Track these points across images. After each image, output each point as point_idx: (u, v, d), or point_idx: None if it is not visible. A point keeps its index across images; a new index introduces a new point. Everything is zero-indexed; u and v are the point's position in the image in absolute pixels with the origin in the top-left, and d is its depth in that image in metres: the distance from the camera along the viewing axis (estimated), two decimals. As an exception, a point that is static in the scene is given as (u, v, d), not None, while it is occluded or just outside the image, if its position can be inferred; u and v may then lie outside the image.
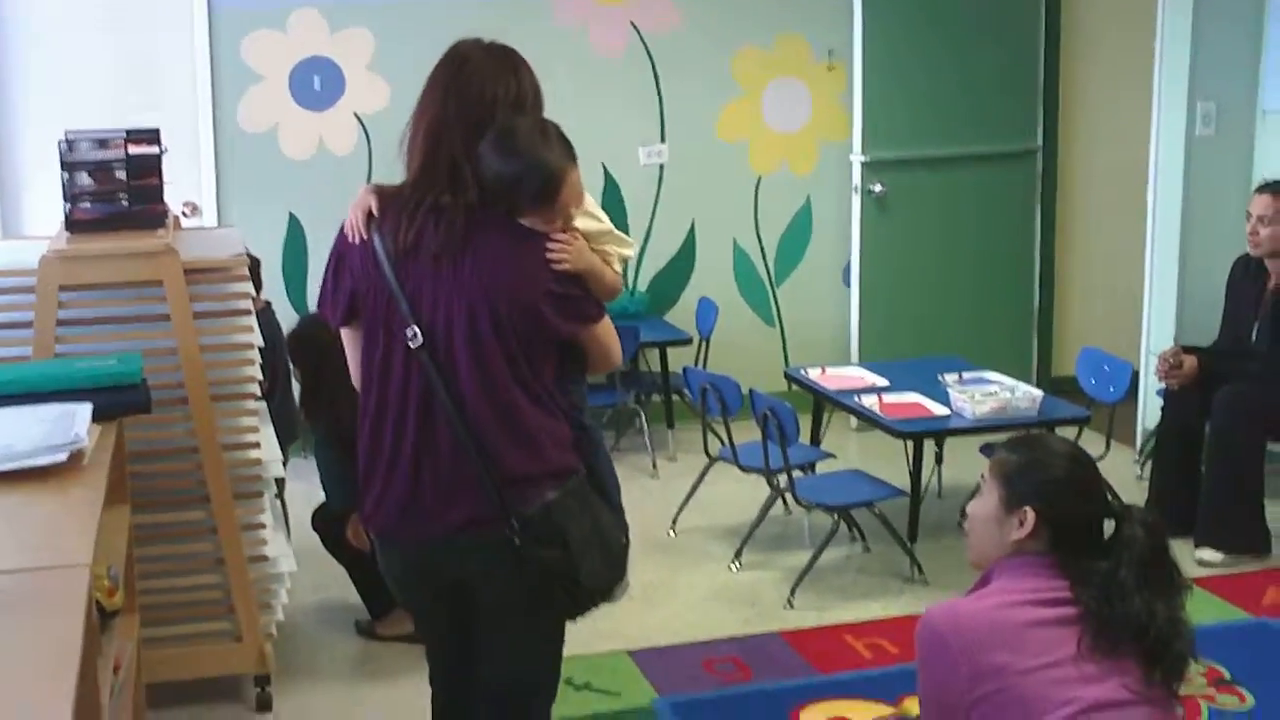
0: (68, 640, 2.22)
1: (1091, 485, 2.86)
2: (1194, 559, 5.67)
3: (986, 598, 2.80)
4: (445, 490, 3.04)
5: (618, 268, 3.16)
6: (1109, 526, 2.83)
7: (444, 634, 3.34)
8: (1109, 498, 2.88)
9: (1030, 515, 2.80)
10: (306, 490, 5.74)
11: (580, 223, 3.09)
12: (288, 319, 6.92)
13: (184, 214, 4.91)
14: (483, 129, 3.01)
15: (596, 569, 3.10)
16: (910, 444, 5.70)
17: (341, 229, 3.14)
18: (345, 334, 3.17)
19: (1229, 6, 6.65)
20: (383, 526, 3.15)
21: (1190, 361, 5.86)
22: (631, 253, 3.23)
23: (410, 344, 3.00)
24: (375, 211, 3.07)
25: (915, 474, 5.68)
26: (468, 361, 2.99)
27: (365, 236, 3.07)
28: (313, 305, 7.07)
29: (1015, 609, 2.75)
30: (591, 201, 3.16)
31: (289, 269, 7.10)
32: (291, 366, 5.16)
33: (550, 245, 3.00)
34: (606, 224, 3.16)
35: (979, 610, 2.76)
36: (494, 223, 3.01)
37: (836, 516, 5.57)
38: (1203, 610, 5.25)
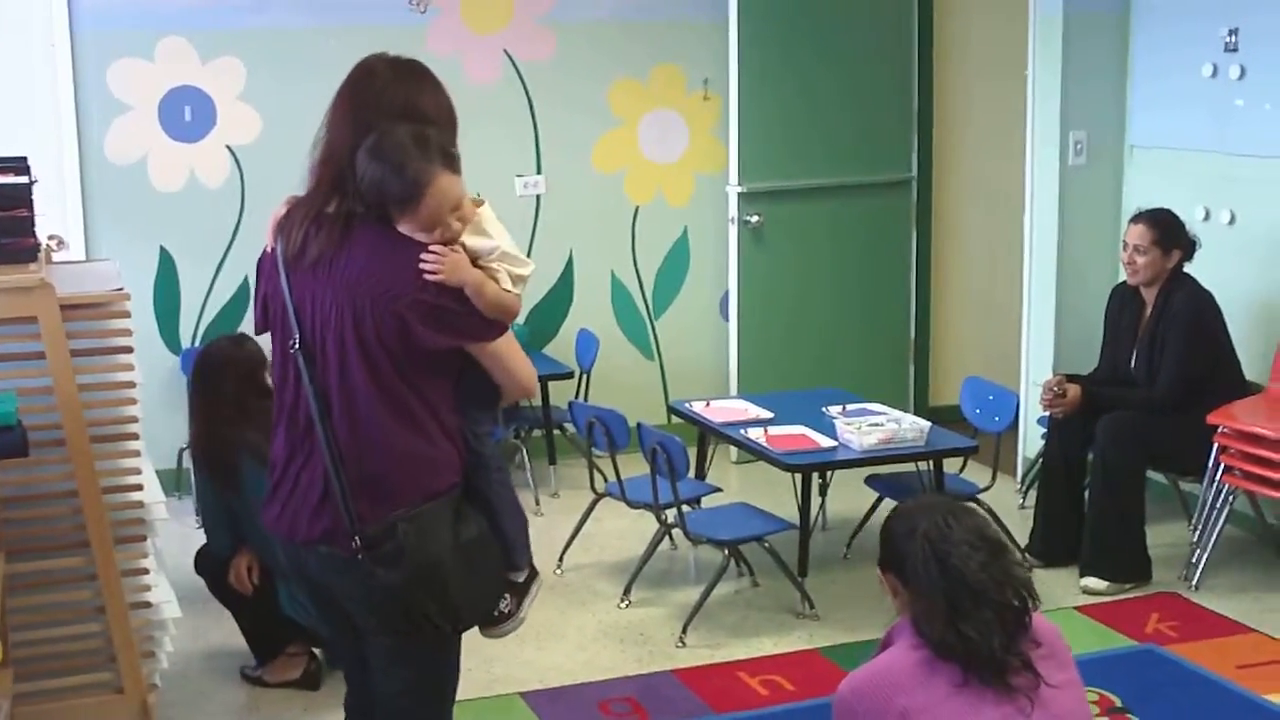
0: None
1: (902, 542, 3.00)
2: (1079, 587, 5.71)
3: (886, 656, 2.95)
4: (310, 499, 3.06)
5: (508, 286, 3.08)
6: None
7: (340, 643, 3.38)
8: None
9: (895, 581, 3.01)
10: (181, 532, 5.57)
11: (469, 239, 3.04)
12: (161, 358, 6.79)
13: (50, 248, 4.72)
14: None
15: (447, 598, 3.07)
16: (798, 477, 5.67)
17: None
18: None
19: (1097, 42, 6.75)
20: (271, 526, 3.18)
21: (1074, 390, 5.91)
22: (527, 272, 3.15)
23: (290, 350, 3.04)
24: (282, 219, 3.11)
25: (804, 507, 5.65)
26: (336, 369, 3.00)
27: (272, 245, 3.12)
28: (185, 342, 6.94)
29: (904, 653, 2.92)
30: (489, 217, 3.13)
31: (160, 304, 6.90)
32: (199, 396, 4.92)
33: (424, 256, 2.96)
34: (496, 241, 3.09)
35: (875, 670, 2.93)
36: (371, 230, 3.01)
37: (726, 552, 5.52)
38: (1089, 638, 5.30)
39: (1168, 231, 5.85)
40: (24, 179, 4.25)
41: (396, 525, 3.00)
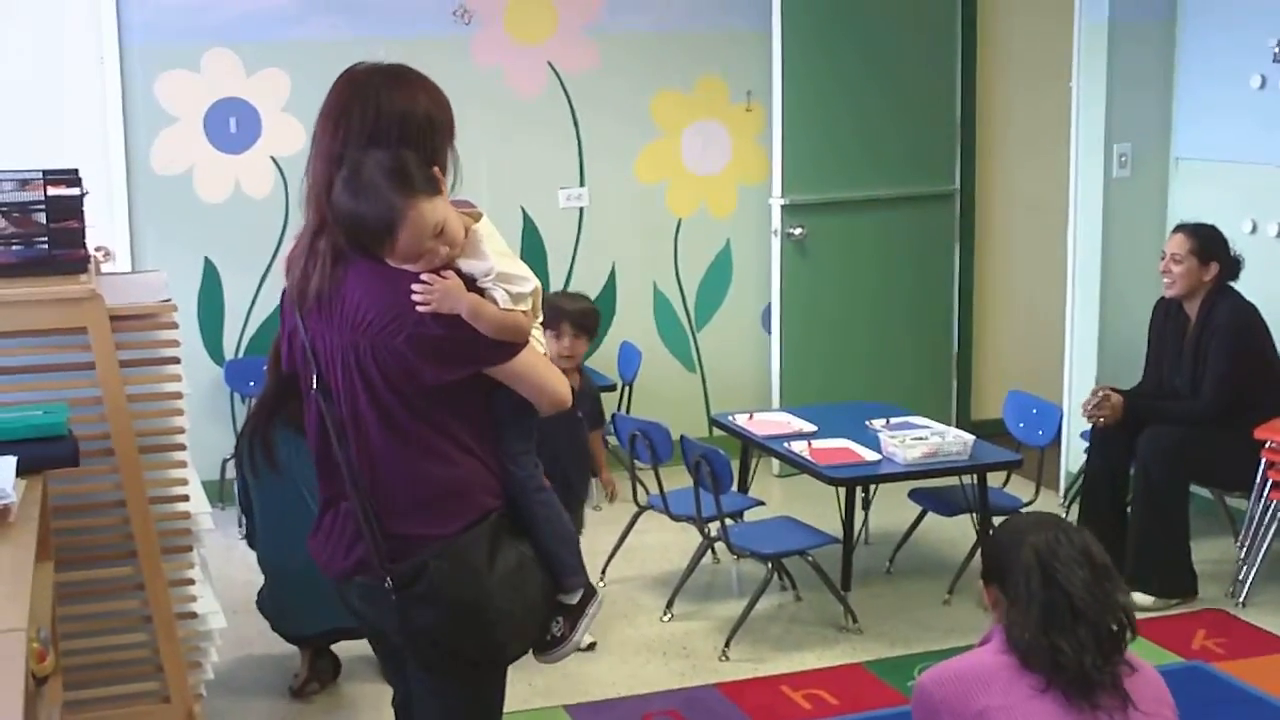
0: (7, 713, 2.10)
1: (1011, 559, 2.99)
2: (1125, 603, 5.67)
3: (971, 656, 2.95)
4: (344, 533, 3.01)
5: (509, 306, 2.92)
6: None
7: (387, 668, 3.33)
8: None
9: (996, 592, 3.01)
10: (226, 542, 5.59)
11: (463, 263, 2.92)
12: (205, 369, 6.82)
13: (98, 259, 4.75)
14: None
15: (490, 635, 2.98)
16: (842, 490, 5.65)
17: None
18: None
19: (1142, 53, 6.72)
20: (313, 554, 3.14)
21: (1118, 398, 5.88)
22: (528, 289, 2.96)
23: (312, 390, 2.99)
24: (290, 256, 3.04)
25: (848, 521, 5.64)
26: (349, 410, 2.94)
27: (286, 283, 3.05)
28: (229, 353, 6.97)
29: (991, 655, 2.92)
30: (485, 235, 2.98)
31: (205, 315, 6.94)
32: None
33: (415, 286, 2.85)
34: (489, 262, 2.94)
35: (962, 665, 2.92)
36: (362, 265, 2.91)
37: (770, 565, 5.50)
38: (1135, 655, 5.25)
39: (1206, 243, 5.83)
40: (75, 191, 4.28)
41: (428, 562, 2.92)
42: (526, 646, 3.16)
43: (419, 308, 2.85)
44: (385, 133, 2.92)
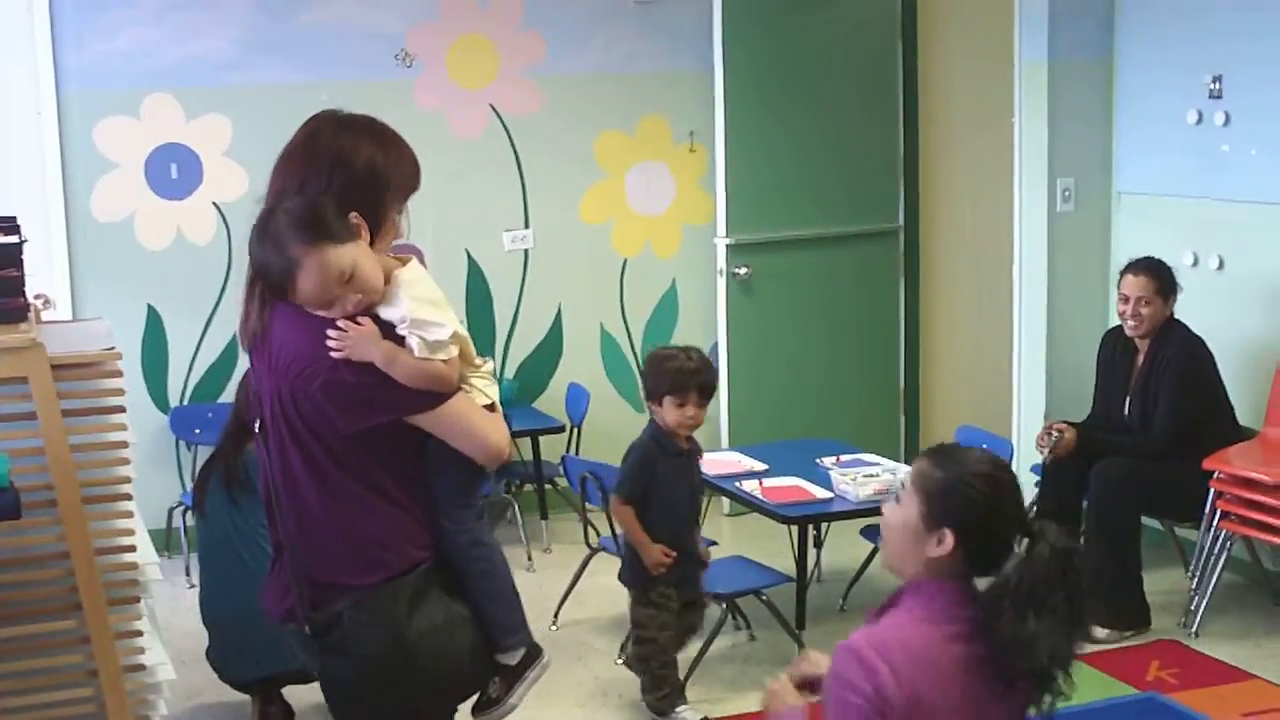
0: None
1: (1010, 507, 2.78)
2: (1078, 636, 5.67)
3: (906, 626, 2.73)
4: (280, 580, 3.00)
5: (425, 355, 2.85)
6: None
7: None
8: (1025, 516, 2.80)
9: (949, 537, 2.73)
10: (173, 592, 5.51)
11: (381, 310, 2.88)
12: (150, 417, 6.73)
13: (38, 307, 4.68)
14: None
15: (403, 690, 2.92)
16: (794, 529, 5.63)
17: None
18: None
19: (1082, 89, 6.77)
20: (261, 601, 3.13)
21: (1071, 432, 5.89)
22: (439, 335, 2.87)
23: (255, 432, 3.00)
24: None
25: (801, 559, 5.62)
26: (277, 454, 2.93)
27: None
28: (174, 400, 6.88)
29: (943, 646, 2.70)
30: (405, 281, 2.91)
31: (149, 363, 6.86)
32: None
33: (329, 333, 2.83)
34: (403, 310, 2.87)
35: (906, 640, 2.70)
36: (285, 309, 2.90)
37: (725, 606, 5.47)
38: (1091, 687, 5.23)
39: (1166, 280, 5.88)
40: (13, 238, 4.21)
41: (344, 612, 2.89)
42: (452, 706, 3.11)
43: (332, 354, 2.83)
44: (317, 177, 2.93)
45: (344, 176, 2.92)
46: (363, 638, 2.89)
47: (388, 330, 2.87)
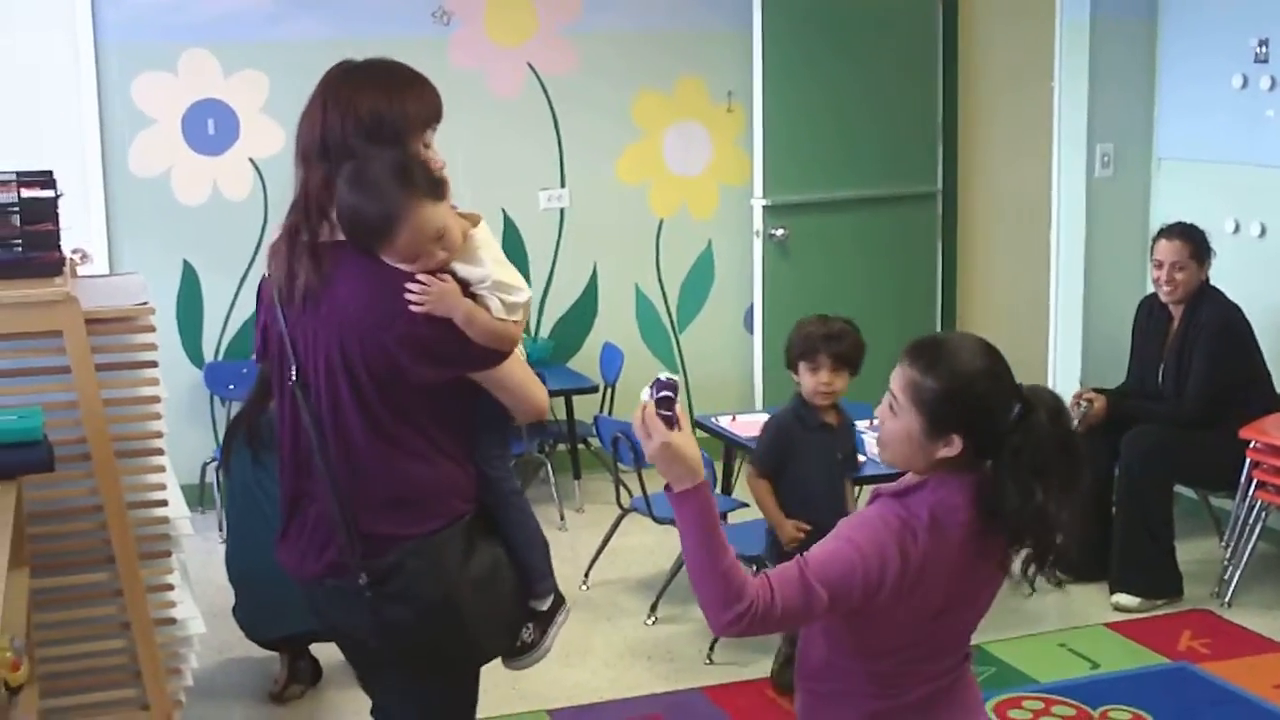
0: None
1: (1008, 387, 2.75)
2: (1110, 604, 5.66)
3: (937, 509, 2.71)
4: (315, 535, 3.00)
5: (502, 315, 2.94)
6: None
7: (359, 674, 3.31)
8: (1018, 387, 2.76)
9: (957, 440, 2.70)
10: (206, 547, 5.54)
11: (459, 267, 2.92)
12: (184, 372, 6.76)
13: (74, 261, 4.70)
14: (346, 158, 2.91)
15: (462, 633, 2.99)
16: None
17: None
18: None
19: (1124, 51, 6.70)
20: (283, 561, 3.11)
21: (1101, 401, 5.86)
22: (522, 299, 2.99)
23: (288, 382, 2.97)
24: (274, 246, 3.03)
25: (832, 521, 5.59)
26: (329, 405, 2.92)
27: (268, 273, 3.04)
28: (209, 356, 6.92)
29: (963, 542, 2.71)
30: (483, 242, 2.98)
31: (183, 318, 6.89)
32: None
33: (409, 286, 2.85)
34: (487, 270, 2.94)
35: (944, 524, 2.70)
36: (355, 261, 2.90)
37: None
38: (1121, 655, 5.24)
39: (1201, 244, 5.82)
40: (50, 193, 4.22)
41: (404, 560, 2.92)
42: (498, 649, 3.16)
43: (412, 307, 2.85)
44: (331, 130, 2.95)
45: (353, 126, 2.94)
46: (425, 584, 2.93)
47: (462, 287, 2.91)
